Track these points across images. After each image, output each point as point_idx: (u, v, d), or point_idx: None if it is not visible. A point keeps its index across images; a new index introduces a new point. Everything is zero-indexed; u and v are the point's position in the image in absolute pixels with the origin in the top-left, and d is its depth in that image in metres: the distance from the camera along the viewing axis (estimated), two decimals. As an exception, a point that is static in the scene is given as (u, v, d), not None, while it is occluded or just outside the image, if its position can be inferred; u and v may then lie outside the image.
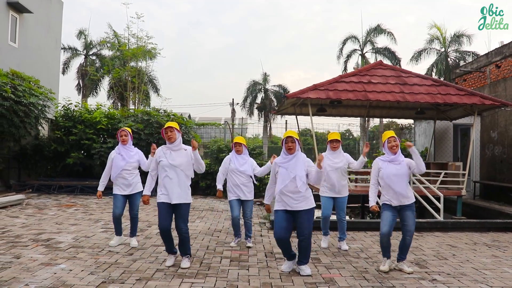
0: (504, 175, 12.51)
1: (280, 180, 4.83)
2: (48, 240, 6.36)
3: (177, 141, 5.08)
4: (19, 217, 8.31)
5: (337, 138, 6.20)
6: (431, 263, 5.59)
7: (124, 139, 6.10)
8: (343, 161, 6.20)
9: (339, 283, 4.62)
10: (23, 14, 14.45)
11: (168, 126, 5.10)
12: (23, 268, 4.83)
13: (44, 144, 13.58)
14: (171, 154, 5.05)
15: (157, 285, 4.40)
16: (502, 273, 5.16)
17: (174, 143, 5.05)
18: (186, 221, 5.04)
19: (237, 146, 6.37)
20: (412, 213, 5.11)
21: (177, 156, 5.04)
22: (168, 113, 14.10)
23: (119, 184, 6.03)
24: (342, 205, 6.29)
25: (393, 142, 5.20)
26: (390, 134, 5.30)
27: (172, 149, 5.07)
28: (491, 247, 6.71)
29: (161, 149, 5.16)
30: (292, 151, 4.85)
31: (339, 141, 6.21)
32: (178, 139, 5.09)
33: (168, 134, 5.05)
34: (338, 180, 6.16)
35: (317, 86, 10.04)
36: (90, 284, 4.37)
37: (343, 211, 6.31)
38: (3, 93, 10.78)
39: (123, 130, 6.17)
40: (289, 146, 4.85)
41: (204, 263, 5.32)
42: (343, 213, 6.32)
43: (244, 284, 4.52)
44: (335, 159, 6.18)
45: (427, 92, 10.33)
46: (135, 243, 6.13)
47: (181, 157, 5.05)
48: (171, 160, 5.00)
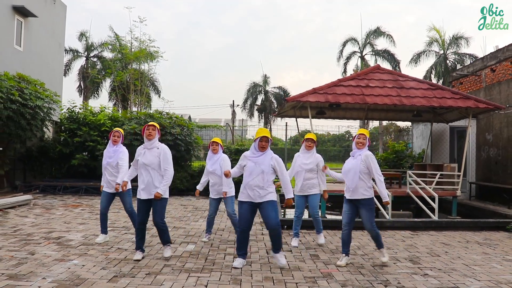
0: (498, 176, 12.81)
1: (247, 173, 5.18)
2: (59, 238, 6.65)
3: (153, 140, 5.47)
4: (28, 217, 8.60)
5: (313, 138, 6.54)
6: (424, 259, 5.89)
7: (115, 140, 6.43)
8: (314, 162, 6.51)
9: (336, 277, 4.92)
10: (28, 18, 14.74)
11: (151, 124, 5.53)
12: (39, 264, 5.12)
13: (49, 145, 13.88)
14: (145, 153, 5.46)
15: (166, 279, 4.69)
16: (490, 269, 5.47)
17: (151, 141, 5.44)
18: (162, 216, 5.48)
19: (214, 145, 6.71)
20: (365, 210, 5.51)
21: (149, 155, 5.43)
22: (171, 115, 14.39)
23: (105, 181, 6.46)
24: (313, 203, 6.58)
25: (362, 139, 5.54)
26: (361, 132, 5.63)
27: (147, 147, 5.46)
28: (482, 245, 7.01)
29: (140, 148, 5.58)
30: (264, 149, 5.21)
31: (314, 142, 6.54)
32: (155, 138, 5.49)
33: (150, 130, 5.46)
34: (307, 179, 6.48)
35: (317, 90, 10.36)
36: (103, 278, 4.67)
37: (315, 208, 6.63)
38: (11, 96, 11.08)
39: (116, 131, 6.53)
40: (262, 145, 5.20)
41: (208, 259, 5.62)
42: (316, 210, 6.65)
43: (247, 278, 4.82)
44: (307, 160, 6.50)
45: (423, 95, 10.65)
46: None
47: (153, 156, 5.42)
48: (144, 159, 5.42)
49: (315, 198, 6.58)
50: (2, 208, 9.33)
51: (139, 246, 5.56)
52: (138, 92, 19.68)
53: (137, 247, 5.56)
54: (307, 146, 6.53)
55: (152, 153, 5.44)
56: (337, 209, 13.43)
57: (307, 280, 4.78)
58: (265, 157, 5.19)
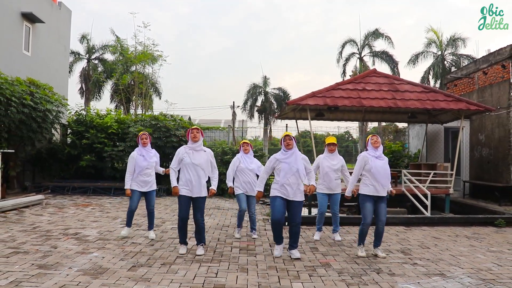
0: (490, 175, 13.33)
1: (283, 173, 5.72)
2: (76, 234, 7.15)
3: (199, 142, 5.93)
4: (43, 215, 9.10)
5: (334, 141, 7.15)
6: (414, 251, 6.41)
7: (145, 141, 6.92)
8: (339, 163, 7.18)
9: (333, 266, 5.44)
10: (35, 24, 15.23)
11: (195, 127, 6.03)
12: (63, 256, 5.63)
13: (58, 148, 14.39)
14: (193, 153, 5.88)
15: (180, 268, 5.20)
16: (474, 258, 5.99)
17: (197, 143, 5.89)
18: (203, 212, 5.92)
19: (245, 146, 7.28)
20: (385, 205, 6.02)
21: (199, 156, 5.87)
22: (175, 118, 14.88)
23: (138, 182, 6.85)
24: (336, 200, 7.20)
25: (375, 139, 6.16)
26: (372, 135, 6.30)
27: (195, 149, 5.90)
28: (470, 238, 7.53)
29: (183, 148, 5.98)
30: (290, 146, 5.79)
31: (335, 145, 7.20)
32: (200, 140, 5.94)
33: (194, 133, 5.92)
34: (335, 179, 7.08)
35: (315, 94, 10.89)
36: (122, 267, 5.18)
37: (337, 205, 7.23)
38: (23, 100, 11.58)
39: (143, 133, 7.00)
40: (287, 143, 5.81)
41: (217, 251, 6.13)
42: (337, 208, 7.24)
43: (253, 267, 5.33)
44: (333, 161, 7.14)
45: (417, 98, 11.18)
46: (153, 235, 6.94)
47: (201, 157, 5.89)
48: (193, 160, 5.83)
49: (338, 196, 7.20)
50: (18, 207, 9.83)
51: (183, 240, 6.00)
52: (142, 95, 20.18)
53: (181, 241, 6.01)
54: (329, 149, 7.16)
55: (201, 155, 5.90)
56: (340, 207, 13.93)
57: (307, 269, 5.29)
58: (296, 157, 5.77)
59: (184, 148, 5.98)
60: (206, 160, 5.95)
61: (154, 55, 19.69)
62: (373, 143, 6.13)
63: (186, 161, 5.85)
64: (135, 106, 20.40)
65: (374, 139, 6.17)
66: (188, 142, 5.99)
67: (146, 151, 6.91)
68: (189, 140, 5.97)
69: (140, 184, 6.85)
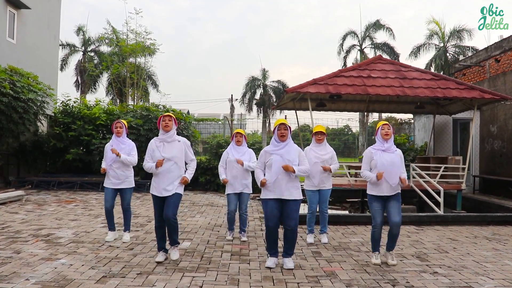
0: (503, 169, 12.51)
1: (275, 167, 4.81)
2: (48, 235, 6.34)
3: (172, 131, 5.06)
4: (18, 213, 8.29)
5: (322, 130, 6.23)
6: (432, 256, 5.59)
7: (118, 131, 6.04)
8: (329, 153, 6.22)
9: (340, 276, 4.61)
10: (21, 10, 14.35)
11: (167, 114, 5.10)
12: (23, 263, 4.81)
13: (43, 140, 13.56)
14: (164, 146, 5.04)
15: (158, 279, 4.39)
16: (503, 266, 5.17)
17: (169, 133, 5.03)
18: (175, 211, 5.00)
19: (238, 136, 6.38)
20: (399, 203, 5.10)
21: (170, 149, 5.03)
22: (167, 109, 14.08)
23: (110, 177, 5.98)
24: (325, 197, 6.29)
25: (386, 129, 5.16)
26: (384, 123, 5.25)
27: (166, 141, 5.05)
28: (492, 240, 6.72)
29: (154, 141, 5.13)
30: (284, 138, 4.87)
31: (324, 134, 6.23)
32: (173, 129, 5.08)
33: (166, 121, 5.03)
34: (322, 172, 6.14)
35: (317, 81, 10.03)
36: (90, 278, 4.36)
37: (325, 203, 6.32)
38: (2, 89, 10.73)
39: (118, 121, 6.10)
40: (282, 133, 4.86)
41: (205, 257, 5.31)
42: (326, 206, 6.34)
43: (245, 277, 4.51)
44: (321, 151, 6.18)
45: (427, 86, 10.33)
46: (127, 238, 6.07)
47: (174, 149, 5.04)
48: (163, 153, 4.99)
49: (328, 192, 6.29)
50: (-7, 205, 9.02)
51: (161, 247, 5.14)
52: (134, 86, 19.32)
53: (159, 248, 5.15)
54: (317, 139, 6.20)
55: (174, 146, 5.03)
56: (338, 203, 13.15)
57: (309, 280, 4.48)
58: (289, 148, 4.86)
59: (155, 141, 5.12)
60: (179, 150, 5.07)
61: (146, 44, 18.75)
62: (383, 134, 5.13)
63: (156, 156, 5.02)
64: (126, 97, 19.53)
65: (385, 129, 5.13)
66: (160, 133, 5.11)
67: (118, 142, 6.03)
68: (160, 129, 5.09)
69: (112, 180, 5.96)
